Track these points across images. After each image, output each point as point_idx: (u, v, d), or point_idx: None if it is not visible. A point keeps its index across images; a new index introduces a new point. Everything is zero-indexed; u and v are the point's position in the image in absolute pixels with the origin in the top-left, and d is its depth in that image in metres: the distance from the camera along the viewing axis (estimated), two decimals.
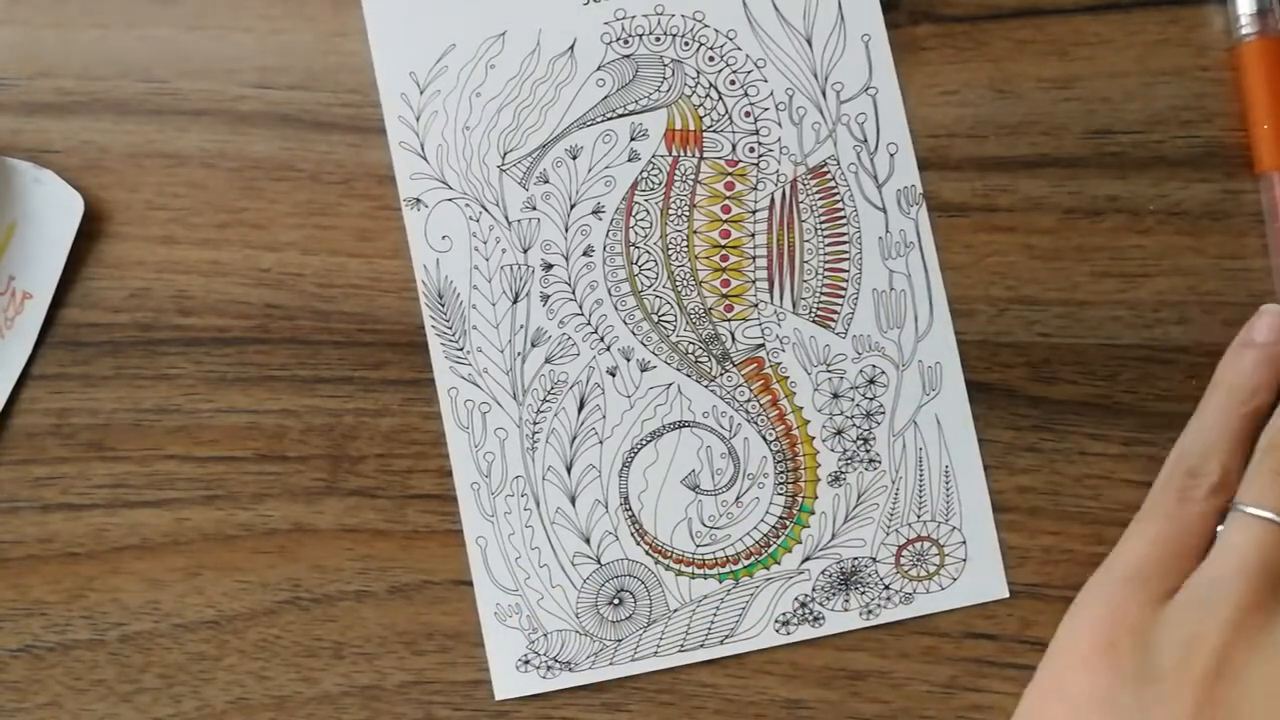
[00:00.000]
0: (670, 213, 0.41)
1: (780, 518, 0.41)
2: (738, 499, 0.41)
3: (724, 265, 0.41)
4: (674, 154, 0.42)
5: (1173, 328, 0.41)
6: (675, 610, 0.40)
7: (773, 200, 0.41)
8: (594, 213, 0.41)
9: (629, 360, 0.41)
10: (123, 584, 0.41)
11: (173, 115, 0.42)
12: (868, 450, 0.41)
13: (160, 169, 0.42)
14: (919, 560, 0.40)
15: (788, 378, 0.41)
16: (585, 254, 0.41)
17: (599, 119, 0.42)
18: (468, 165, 0.41)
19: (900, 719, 0.40)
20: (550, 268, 0.41)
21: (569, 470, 0.41)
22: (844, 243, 0.41)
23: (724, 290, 0.41)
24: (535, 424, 0.41)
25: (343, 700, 0.40)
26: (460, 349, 0.41)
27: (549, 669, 0.40)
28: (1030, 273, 0.41)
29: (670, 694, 0.40)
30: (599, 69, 0.42)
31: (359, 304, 0.41)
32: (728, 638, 0.40)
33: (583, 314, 0.41)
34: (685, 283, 0.41)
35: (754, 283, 0.41)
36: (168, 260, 0.42)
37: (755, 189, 0.41)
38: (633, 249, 0.41)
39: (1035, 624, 0.40)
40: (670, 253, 0.41)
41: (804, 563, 0.40)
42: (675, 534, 0.41)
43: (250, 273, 0.42)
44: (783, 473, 0.41)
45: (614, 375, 0.41)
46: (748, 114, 0.42)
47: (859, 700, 0.40)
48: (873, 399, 0.41)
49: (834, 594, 0.40)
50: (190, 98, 0.42)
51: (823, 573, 0.40)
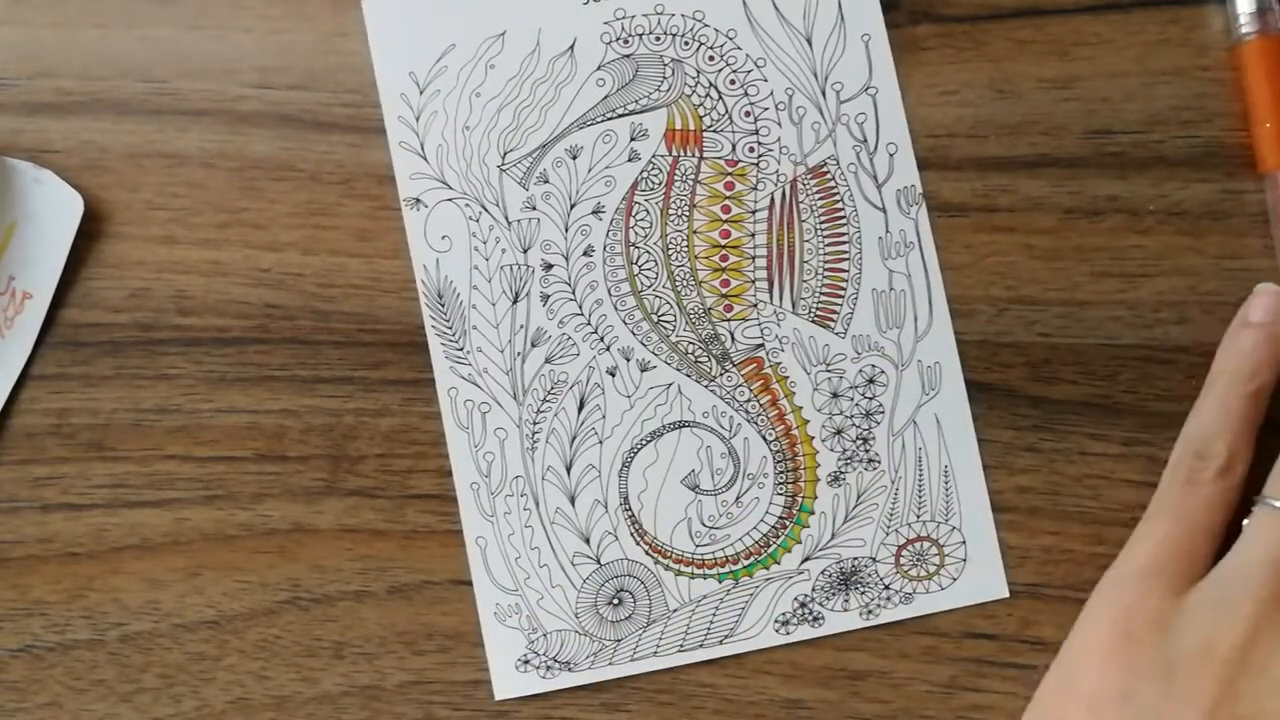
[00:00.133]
0: (670, 213, 0.41)
1: (780, 518, 0.41)
2: (737, 499, 0.41)
3: (724, 265, 0.41)
4: (674, 154, 0.42)
5: (1173, 328, 0.41)
6: (675, 610, 0.40)
7: (772, 200, 0.41)
8: (594, 213, 0.41)
9: (629, 360, 0.41)
10: (123, 584, 0.41)
11: (173, 115, 0.42)
12: (867, 450, 0.41)
13: (160, 169, 0.42)
14: (919, 560, 0.40)
15: (787, 377, 0.41)
16: (585, 254, 0.41)
17: (599, 119, 0.42)
18: (468, 165, 0.41)
19: (900, 719, 0.40)
20: (550, 268, 0.41)
21: (569, 470, 0.41)
22: (844, 243, 0.41)
23: (724, 290, 0.41)
24: (535, 424, 0.41)
25: (343, 700, 0.40)
26: (460, 349, 0.41)
27: (549, 669, 0.40)
28: (1030, 273, 0.41)
29: (670, 694, 0.40)
30: (599, 69, 0.42)
31: (359, 304, 0.41)
32: (727, 638, 0.40)
33: (583, 314, 0.41)
34: (685, 283, 0.41)
35: (754, 283, 0.41)
36: (168, 260, 0.42)
37: (755, 189, 0.41)
38: (633, 249, 0.41)
39: (1035, 624, 0.40)
40: (670, 253, 0.41)
41: (804, 563, 0.40)
42: (675, 534, 0.41)
43: (250, 273, 0.42)
44: (782, 473, 0.41)
45: (614, 375, 0.41)
46: (748, 114, 0.42)
47: (859, 700, 0.40)
48: (872, 399, 0.41)
49: (834, 594, 0.40)
50: (190, 98, 0.42)
51: (822, 573, 0.40)
